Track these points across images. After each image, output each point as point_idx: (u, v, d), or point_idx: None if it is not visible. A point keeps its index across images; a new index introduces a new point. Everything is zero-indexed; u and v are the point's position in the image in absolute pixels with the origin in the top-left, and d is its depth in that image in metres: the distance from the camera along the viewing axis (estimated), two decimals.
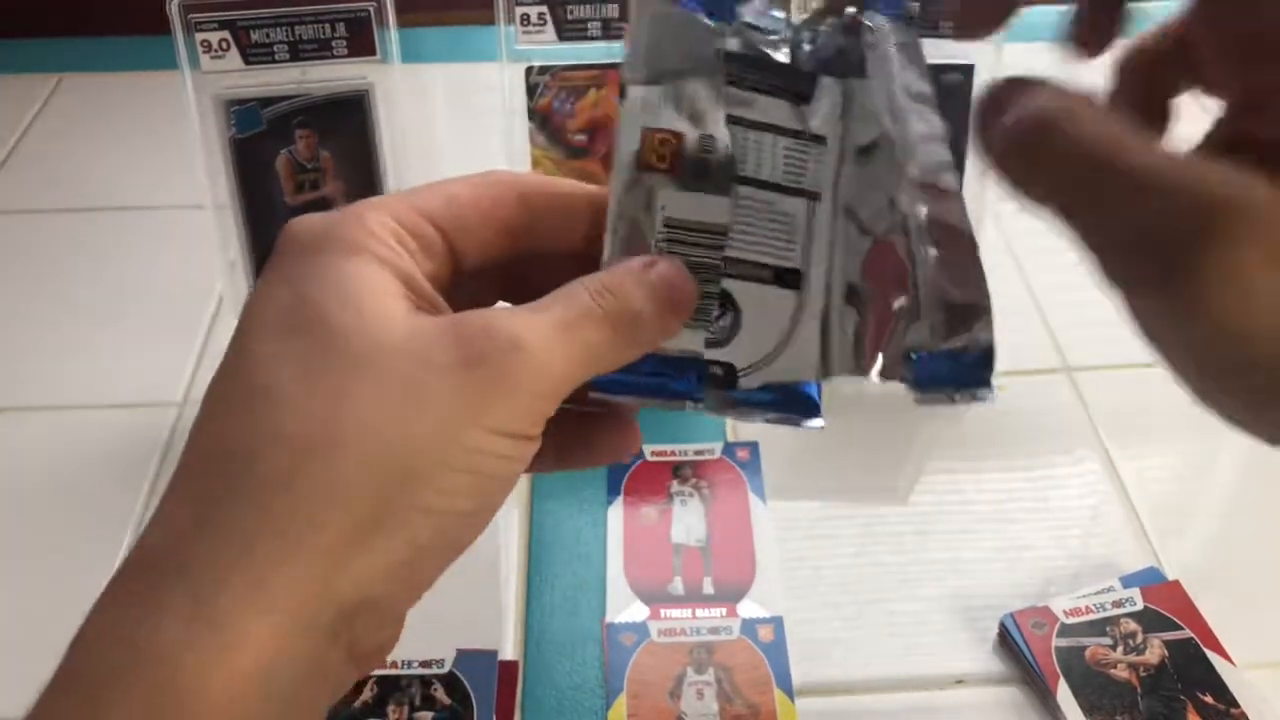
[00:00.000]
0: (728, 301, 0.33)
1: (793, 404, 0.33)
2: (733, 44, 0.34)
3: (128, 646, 0.25)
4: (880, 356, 0.32)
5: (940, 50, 0.63)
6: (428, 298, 0.30)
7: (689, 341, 0.33)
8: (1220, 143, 0.28)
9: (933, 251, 0.32)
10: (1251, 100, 0.28)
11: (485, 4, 0.63)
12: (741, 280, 0.33)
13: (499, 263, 0.33)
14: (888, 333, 0.32)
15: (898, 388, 0.32)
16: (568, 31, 0.63)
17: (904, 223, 0.33)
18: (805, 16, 0.35)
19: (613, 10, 0.63)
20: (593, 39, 0.64)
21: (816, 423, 0.33)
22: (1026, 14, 0.31)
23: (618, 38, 0.64)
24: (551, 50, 0.64)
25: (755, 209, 0.34)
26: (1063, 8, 0.31)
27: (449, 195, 0.31)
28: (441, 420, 0.27)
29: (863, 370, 0.33)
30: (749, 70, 0.34)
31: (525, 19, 0.63)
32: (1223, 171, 0.24)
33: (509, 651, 0.55)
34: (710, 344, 0.33)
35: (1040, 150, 0.26)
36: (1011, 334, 0.71)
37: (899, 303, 0.32)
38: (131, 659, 0.25)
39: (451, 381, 0.27)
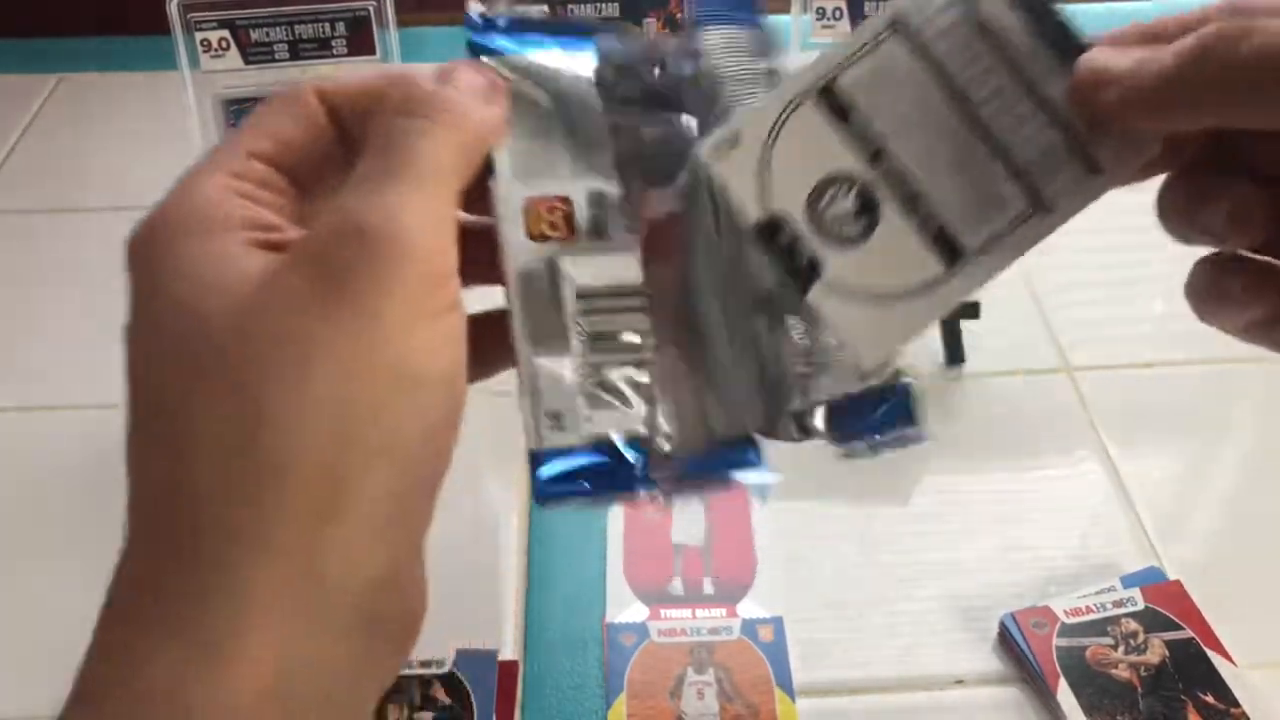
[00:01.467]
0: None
1: (729, 465, 0.32)
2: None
3: (126, 689, 0.24)
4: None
5: None
6: (288, 232, 0.28)
7: (618, 422, 0.30)
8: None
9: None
10: None
11: (485, 4, 0.63)
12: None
13: (339, 166, 0.31)
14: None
15: None
16: None
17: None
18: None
19: (613, 10, 0.63)
20: None
21: (767, 478, 0.32)
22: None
23: None
24: None
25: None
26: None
27: (269, 131, 0.30)
28: (342, 356, 0.25)
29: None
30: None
31: None
32: None
33: (509, 651, 0.54)
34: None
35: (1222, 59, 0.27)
36: (1011, 334, 0.72)
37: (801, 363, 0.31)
38: (133, 701, 0.24)
39: (332, 311, 0.25)
